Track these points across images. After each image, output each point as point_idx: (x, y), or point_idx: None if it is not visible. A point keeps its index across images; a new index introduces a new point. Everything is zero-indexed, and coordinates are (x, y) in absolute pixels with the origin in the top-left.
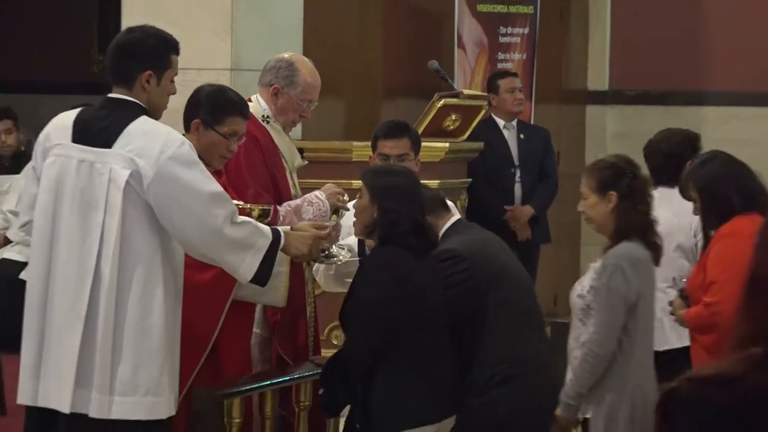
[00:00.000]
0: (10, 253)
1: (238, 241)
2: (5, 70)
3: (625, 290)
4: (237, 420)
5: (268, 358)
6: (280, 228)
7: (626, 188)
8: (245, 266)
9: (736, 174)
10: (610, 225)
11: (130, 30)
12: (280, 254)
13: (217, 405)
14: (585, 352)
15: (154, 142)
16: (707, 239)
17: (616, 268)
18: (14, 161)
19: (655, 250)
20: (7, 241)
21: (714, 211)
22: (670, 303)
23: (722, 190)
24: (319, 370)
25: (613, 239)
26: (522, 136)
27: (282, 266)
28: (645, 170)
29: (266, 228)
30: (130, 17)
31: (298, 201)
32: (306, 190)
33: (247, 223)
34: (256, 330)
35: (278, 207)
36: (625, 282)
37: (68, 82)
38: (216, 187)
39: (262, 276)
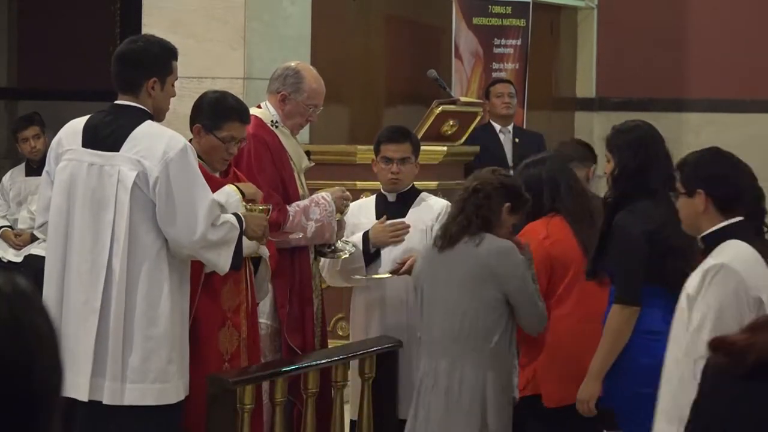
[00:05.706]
0: (36, 249)
1: (217, 241)
2: (35, 80)
3: None
4: (249, 406)
5: (278, 348)
6: (240, 213)
7: None
8: (222, 260)
9: (555, 180)
10: None
11: (133, 40)
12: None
13: (230, 392)
14: None
15: (159, 144)
16: None
17: None
18: (43, 164)
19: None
20: (33, 238)
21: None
22: None
23: (538, 191)
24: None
25: None
26: (517, 140)
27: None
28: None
29: (234, 219)
30: (151, 30)
31: (306, 201)
32: (313, 190)
33: (224, 222)
34: (266, 321)
35: (287, 207)
36: None
37: (90, 90)
38: (207, 194)
39: (237, 263)
